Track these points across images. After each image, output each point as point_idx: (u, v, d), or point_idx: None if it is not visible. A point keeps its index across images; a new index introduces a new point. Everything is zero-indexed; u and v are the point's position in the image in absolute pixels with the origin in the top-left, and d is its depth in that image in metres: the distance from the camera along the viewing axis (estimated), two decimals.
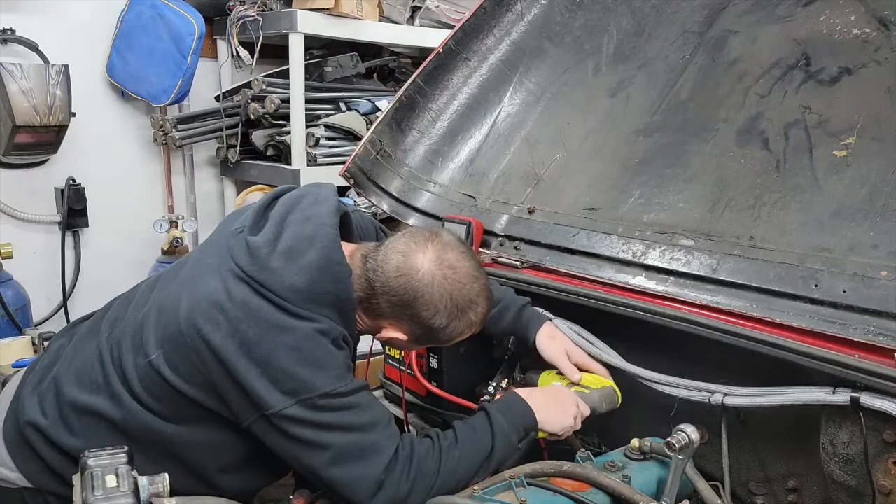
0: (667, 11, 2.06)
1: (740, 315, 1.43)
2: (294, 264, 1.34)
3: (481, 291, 1.44)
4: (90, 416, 1.41)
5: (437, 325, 1.41)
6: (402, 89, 2.25)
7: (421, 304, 1.38)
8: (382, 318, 1.43)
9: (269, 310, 1.30)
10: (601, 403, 1.58)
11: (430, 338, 1.46)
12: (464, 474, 1.37)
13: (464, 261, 1.42)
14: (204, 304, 1.32)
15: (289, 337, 1.29)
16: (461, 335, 1.47)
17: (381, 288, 1.39)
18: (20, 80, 2.91)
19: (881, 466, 1.27)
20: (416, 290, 1.37)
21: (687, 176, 1.72)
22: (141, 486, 1.13)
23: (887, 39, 1.60)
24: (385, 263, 1.39)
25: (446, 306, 1.39)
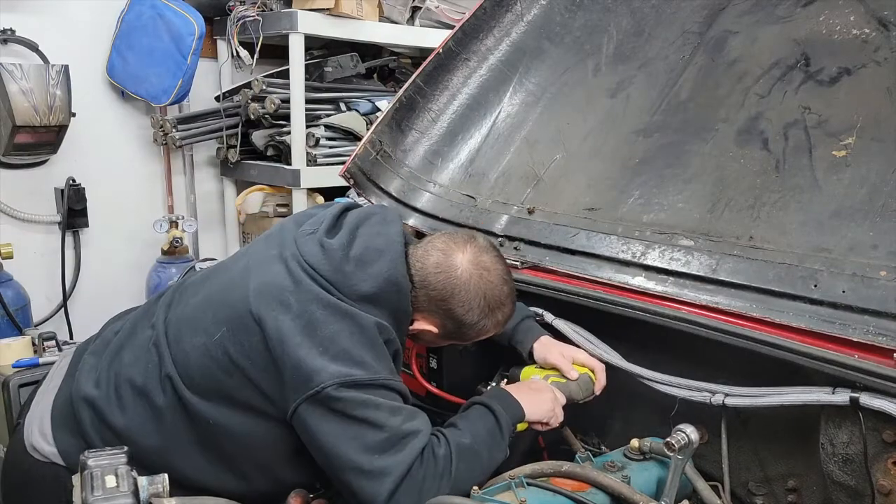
0: (667, 11, 2.06)
1: (740, 315, 1.43)
2: (364, 271, 1.43)
3: (510, 294, 1.54)
4: (140, 396, 1.45)
5: (468, 322, 1.50)
6: (402, 89, 2.25)
7: (456, 301, 1.47)
8: (417, 312, 1.50)
9: (334, 301, 1.39)
10: (578, 391, 1.61)
11: (458, 333, 1.54)
12: (476, 476, 1.40)
13: (497, 264, 1.52)
14: (273, 287, 1.40)
15: (352, 322, 1.37)
16: (486, 333, 1.56)
17: (421, 282, 1.48)
18: (20, 80, 2.91)
19: (881, 466, 1.27)
20: (454, 287, 1.47)
21: (687, 176, 1.73)
22: (141, 487, 1.13)
23: (887, 39, 1.60)
24: (426, 259, 1.49)
25: (479, 304, 1.48)
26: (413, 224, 2.14)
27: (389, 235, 1.50)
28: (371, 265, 1.44)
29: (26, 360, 2.10)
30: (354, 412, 1.32)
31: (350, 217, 1.55)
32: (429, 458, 1.34)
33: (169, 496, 1.14)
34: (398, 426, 1.34)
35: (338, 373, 1.32)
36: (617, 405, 1.78)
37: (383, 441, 1.32)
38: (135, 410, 1.44)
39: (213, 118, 3.52)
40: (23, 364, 2.07)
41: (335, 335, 1.35)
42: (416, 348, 1.79)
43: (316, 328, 1.35)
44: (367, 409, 1.33)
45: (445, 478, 1.34)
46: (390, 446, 1.32)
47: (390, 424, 1.33)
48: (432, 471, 1.33)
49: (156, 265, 3.48)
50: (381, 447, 1.32)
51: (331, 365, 1.33)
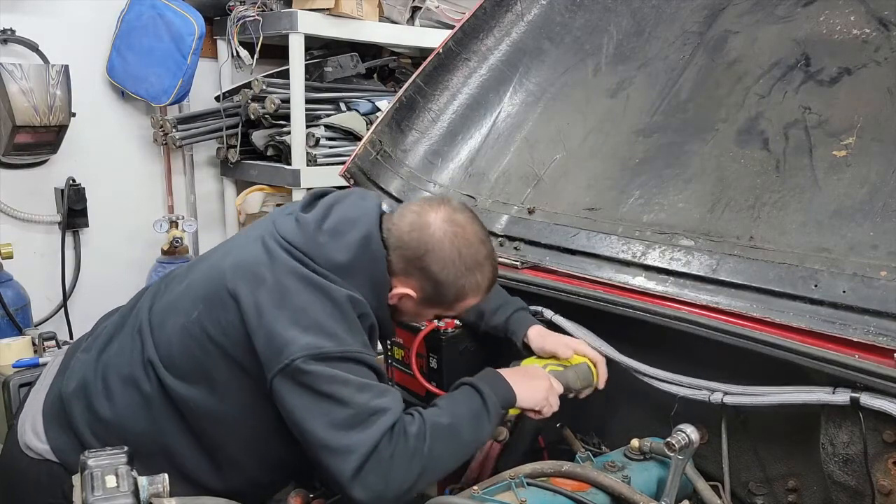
0: (667, 11, 2.06)
1: (740, 315, 1.43)
2: (338, 241, 1.44)
3: (488, 256, 1.51)
4: (128, 385, 1.45)
5: (446, 281, 1.47)
6: (402, 89, 2.25)
7: (431, 258, 1.45)
8: (394, 277, 1.49)
9: (307, 272, 1.39)
10: (576, 380, 1.58)
11: (438, 296, 1.50)
12: (454, 457, 1.39)
13: (473, 224, 1.50)
14: (248, 262, 1.42)
15: (324, 295, 1.38)
16: (466, 298, 1.52)
17: (396, 243, 1.47)
18: (20, 80, 2.91)
19: (881, 466, 1.27)
20: (427, 244, 1.45)
21: (687, 176, 1.72)
22: (141, 487, 1.13)
23: (887, 39, 1.60)
24: (400, 221, 1.48)
25: (454, 262, 1.46)
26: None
27: (364, 208, 1.50)
28: (345, 235, 1.45)
29: (26, 360, 2.10)
30: (321, 387, 1.31)
31: (327, 198, 1.56)
32: (399, 435, 1.31)
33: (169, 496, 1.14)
34: (366, 403, 1.31)
35: (307, 345, 1.31)
36: (617, 405, 1.78)
37: (350, 417, 1.30)
38: (123, 400, 1.45)
39: (213, 118, 3.52)
40: (23, 364, 2.07)
41: (307, 307, 1.35)
42: (417, 348, 1.79)
43: (288, 299, 1.36)
44: (334, 384, 1.31)
45: (417, 457, 1.32)
46: (357, 423, 1.30)
47: (358, 401, 1.31)
48: (402, 449, 1.31)
49: (156, 265, 3.48)
50: (347, 424, 1.30)
51: (302, 336, 1.32)
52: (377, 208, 1.52)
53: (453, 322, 1.82)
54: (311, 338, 1.32)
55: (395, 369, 1.90)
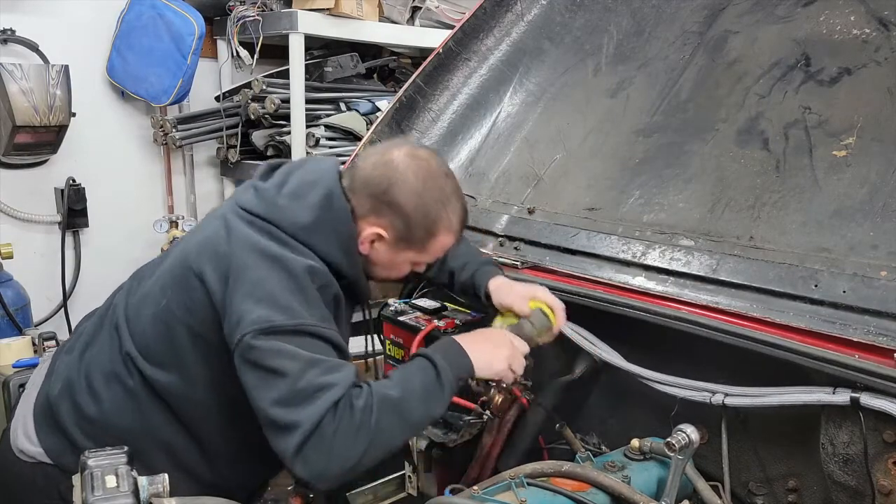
0: (667, 11, 2.06)
1: (740, 315, 1.43)
2: (299, 203, 1.44)
3: (455, 191, 1.51)
4: (111, 381, 1.46)
5: (414, 212, 1.45)
6: (402, 89, 2.25)
7: (398, 190, 1.45)
8: (363, 219, 1.48)
9: (267, 244, 1.39)
10: (532, 330, 1.55)
11: (409, 232, 1.48)
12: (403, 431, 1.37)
13: (435, 159, 1.51)
14: (210, 240, 1.42)
15: (281, 267, 1.36)
16: (438, 234, 1.49)
17: (361, 183, 1.47)
18: (20, 80, 2.91)
19: (881, 466, 1.27)
20: (391, 177, 1.45)
21: (687, 176, 1.72)
22: (141, 487, 1.13)
23: (887, 39, 1.60)
24: (363, 162, 1.50)
25: (420, 193, 1.45)
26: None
27: (322, 169, 1.50)
28: (306, 196, 1.45)
29: (26, 360, 2.11)
30: (267, 362, 1.29)
31: (284, 166, 1.56)
32: (344, 410, 1.28)
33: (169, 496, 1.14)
34: (313, 379, 1.28)
35: (259, 318, 1.30)
36: (617, 405, 1.78)
37: (294, 394, 1.27)
38: (108, 396, 1.45)
39: (213, 118, 3.52)
40: (23, 364, 2.07)
41: (263, 280, 1.35)
42: (416, 348, 1.79)
43: (246, 274, 1.35)
44: (281, 359, 1.29)
45: (363, 431, 1.28)
46: (302, 399, 1.27)
47: (304, 377, 1.28)
48: (346, 423, 1.27)
49: None
50: (292, 400, 1.27)
51: (255, 309, 1.31)
52: (335, 167, 1.52)
53: (453, 322, 1.82)
54: (263, 311, 1.31)
55: (395, 369, 1.89)
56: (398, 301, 1.99)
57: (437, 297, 2.03)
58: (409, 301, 1.98)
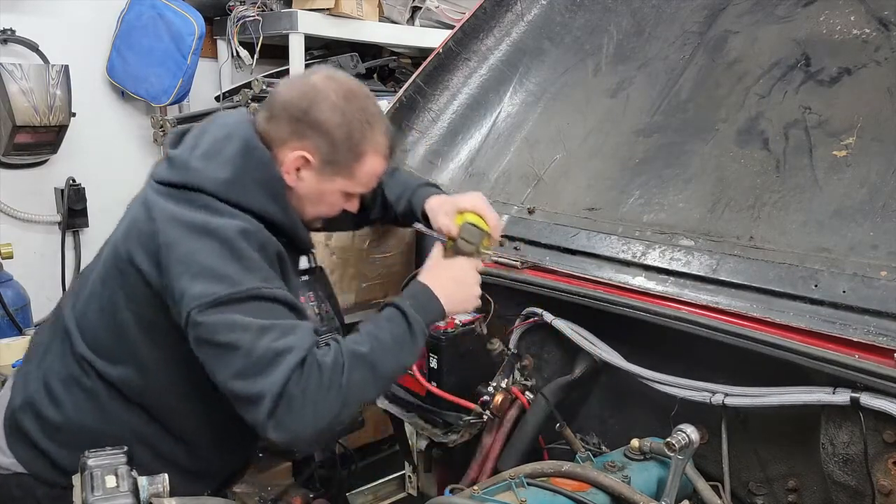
0: (667, 11, 2.06)
1: (740, 315, 1.43)
2: (215, 161, 1.40)
3: (379, 112, 1.48)
4: (69, 385, 1.45)
5: (338, 131, 1.41)
6: (402, 89, 2.25)
7: (319, 108, 1.40)
8: (286, 146, 1.43)
9: (191, 214, 1.34)
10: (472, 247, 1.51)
11: (335, 154, 1.43)
12: (377, 385, 1.37)
13: (356, 82, 1.48)
14: (134, 225, 1.40)
15: (211, 236, 1.32)
16: (366, 155, 1.46)
17: (279, 107, 1.43)
18: (20, 80, 2.91)
19: (881, 466, 1.27)
20: (311, 96, 1.41)
21: (687, 176, 1.72)
22: (141, 486, 1.13)
23: (887, 39, 1.60)
24: (280, 87, 1.47)
25: (342, 110, 1.41)
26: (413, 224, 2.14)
27: (232, 123, 1.46)
28: (221, 152, 1.40)
29: None
30: (219, 337, 1.27)
31: (192, 130, 1.50)
32: (310, 370, 1.26)
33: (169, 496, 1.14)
34: (268, 346, 1.26)
35: (199, 293, 1.27)
36: (617, 405, 1.78)
37: (254, 363, 1.25)
38: (69, 401, 1.45)
39: None
40: None
41: (194, 253, 1.30)
42: None
43: (175, 250, 1.31)
44: (232, 332, 1.26)
45: (334, 389, 1.27)
46: (261, 368, 1.25)
47: (259, 345, 1.26)
48: (315, 382, 1.26)
49: None
50: (252, 370, 1.25)
51: (193, 286, 1.28)
52: (244, 115, 1.49)
53: (453, 322, 1.82)
54: (201, 285, 1.28)
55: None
56: None
57: None
58: None
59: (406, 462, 2.11)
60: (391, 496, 2.34)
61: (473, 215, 1.55)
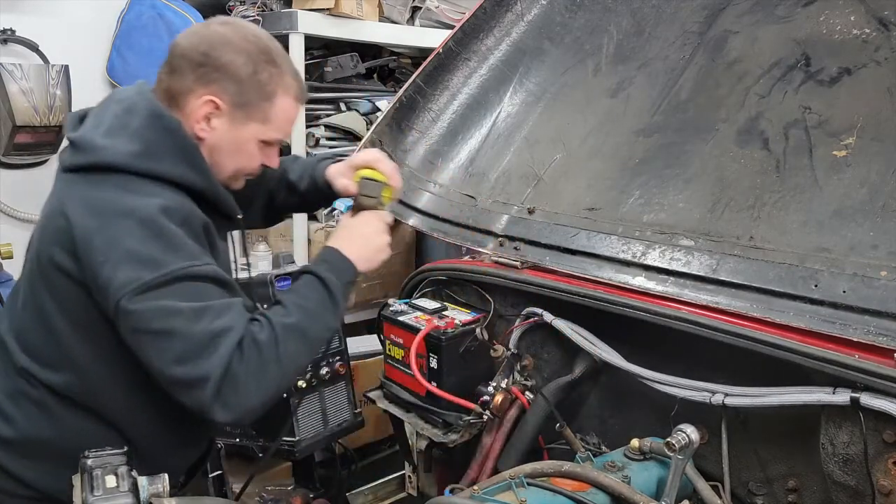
0: (667, 11, 2.06)
1: (740, 315, 1.43)
2: (122, 135, 1.36)
3: (283, 54, 1.46)
4: (18, 400, 1.42)
5: (243, 70, 1.39)
6: (402, 89, 2.25)
7: (219, 50, 1.38)
8: (192, 95, 1.40)
9: (105, 196, 1.31)
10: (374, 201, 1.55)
11: (244, 96, 1.41)
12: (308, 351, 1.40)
13: (256, 26, 1.47)
14: (48, 221, 1.36)
15: (130, 219, 1.28)
16: (277, 95, 1.44)
17: (178, 57, 1.40)
18: (20, 80, 2.91)
19: (881, 466, 1.27)
20: (211, 39, 1.40)
21: (687, 176, 1.72)
22: (140, 486, 1.13)
23: (887, 39, 1.60)
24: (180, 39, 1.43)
25: (244, 49, 1.39)
26: (413, 224, 2.14)
27: (134, 95, 1.42)
28: (127, 127, 1.37)
29: None
30: (153, 325, 1.25)
31: (92, 112, 1.47)
32: (249, 348, 1.28)
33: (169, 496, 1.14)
34: (205, 328, 1.26)
35: (126, 280, 1.25)
36: (617, 405, 1.78)
37: (193, 348, 1.25)
38: (20, 415, 1.42)
39: None
40: None
41: (114, 239, 1.27)
42: (417, 348, 1.79)
43: (93, 238, 1.28)
44: (166, 318, 1.25)
45: (272, 363, 1.29)
46: (201, 351, 1.25)
47: (196, 329, 1.26)
48: (255, 360, 1.28)
49: None
50: (192, 354, 1.25)
51: (117, 273, 1.25)
52: (145, 86, 1.45)
53: (453, 322, 1.82)
54: (126, 271, 1.25)
55: (395, 369, 1.90)
56: (398, 301, 1.99)
57: (437, 298, 2.03)
58: (410, 301, 1.98)
59: (406, 462, 2.11)
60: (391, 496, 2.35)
61: (369, 170, 1.57)
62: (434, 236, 2.11)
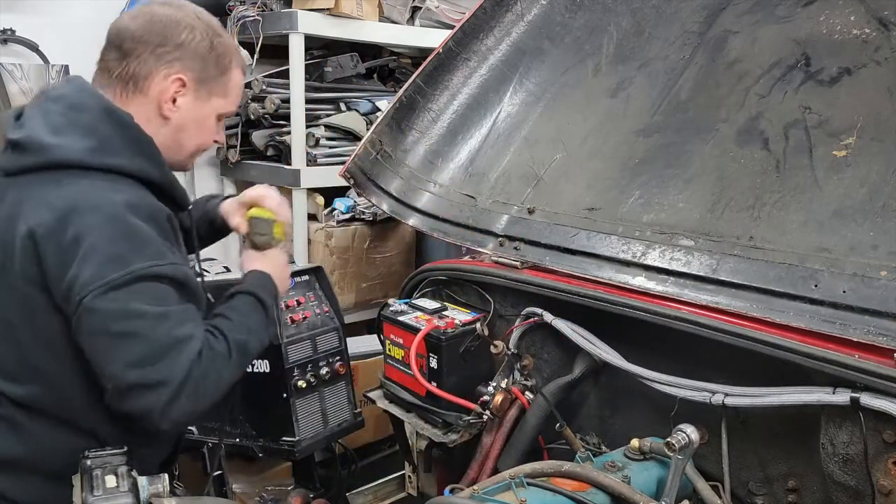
0: (667, 11, 2.06)
1: (740, 315, 1.43)
2: (73, 133, 1.34)
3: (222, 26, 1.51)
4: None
5: (201, 44, 1.43)
6: (402, 89, 2.25)
7: (173, 30, 1.42)
8: (156, 76, 1.41)
9: (65, 194, 1.28)
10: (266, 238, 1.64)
11: (205, 72, 1.45)
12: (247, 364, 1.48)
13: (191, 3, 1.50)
14: (5, 235, 1.32)
15: (96, 215, 1.27)
16: (232, 68, 1.50)
17: (131, 42, 1.41)
18: (20, 80, 2.91)
19: (881, 466, 1.27)
20: (162, 19, 1.42)
21: (687, 176, 1.72)
22: (140, 486, 1.13)
23: (887, 39, 1.60)
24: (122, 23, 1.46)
25: (200, 29, 1.44)
26: (413, 224, 2.14)
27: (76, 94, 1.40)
28: (76, 123, 1.34)
29: None
30: (115, 327, 1.25)
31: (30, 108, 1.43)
32: (207, 357, 1.31)
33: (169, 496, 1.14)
34: (168, 333, 1.28)
35: (91, 278, 1.24)
36: (617, 405, 1.78)
37: (154, 352, 1.26)
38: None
39: None
40: None
41: (79, 236, 1.25)
42: (417, 348, 1.79)
43: (57, 237, 1.25)
44: (129, 320, 1.25)
45: (225, 371, 1.35)
46: (162, 355, 1.26)
47: (159, 333, 1.27)
48: (213, 368, 1.32)
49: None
50: (150, 358, 1.26)
51: (83, 270, 1.24)
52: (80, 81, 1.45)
53: (453, 322, 1.82)
54: (93, 268, 1.24)
55: (395, 369, 1.90)
56: (398, 301, 1.99)
57: (437, 298, 2.03)
58: (410, 301, 1.98)
59: (406, 462, 2.11)
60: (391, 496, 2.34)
61: (257, 208, 1.65)
62: (434, 236, 2.11)
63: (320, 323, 2.31)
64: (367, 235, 3.39)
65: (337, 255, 3.29)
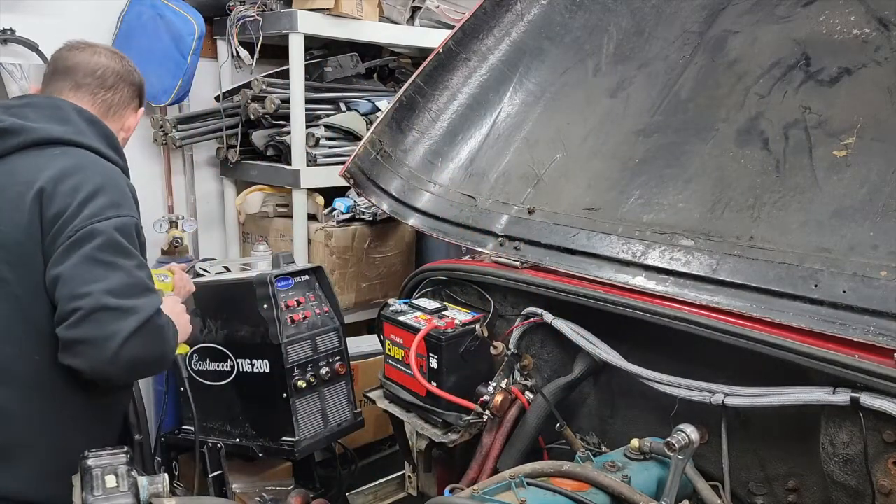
0: (667, 11, 2.06)
1: (740, 315, 1.43)
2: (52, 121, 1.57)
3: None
4: None
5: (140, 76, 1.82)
6: (402, 89, 2.25)
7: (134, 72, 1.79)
8: (130, 108, 1.77)
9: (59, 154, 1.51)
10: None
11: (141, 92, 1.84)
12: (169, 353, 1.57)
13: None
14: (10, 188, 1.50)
15: (93, 171, 1.52)
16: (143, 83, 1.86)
17: (114, 77, 1.71)
18: (20, 80, 2.91)
19: (881, 466, 1.27)
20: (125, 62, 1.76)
21: (687, 176, 1.72)
22: (141, 486, 1.13)
23: (887, 39, 1.60)
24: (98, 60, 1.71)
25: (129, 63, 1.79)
26: (413, 224, 2.14)
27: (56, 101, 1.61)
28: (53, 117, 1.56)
29: None
30: (104, 256, 1.42)
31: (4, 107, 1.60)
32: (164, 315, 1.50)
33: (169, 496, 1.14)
34: (143, 279, 1.48)
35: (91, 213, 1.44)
36: (617, 405, 1.78)
37: (132, 286, 1.44)
38: None
39: (213, 118, 3.52)
40: None
41: (78, 185, 1.46)
42: (417, 348, 1.79)
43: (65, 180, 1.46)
44: (118, 255, 1.44)
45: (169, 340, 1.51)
46: (137, 293, 1.45)
47: (138, 276, 1.47)
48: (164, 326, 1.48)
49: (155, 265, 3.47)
50: (128, 291, 1.43)
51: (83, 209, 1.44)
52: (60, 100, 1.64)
53: (453, 322, 1.82)
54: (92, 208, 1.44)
55: (395, 369, 1.90)
56: (398, 301, 1.99)
57: (437, 298, 2.03)
58: (410, 301, 1.98)
59: (406, 462, 2.11)
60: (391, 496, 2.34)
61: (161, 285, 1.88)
62: (434, 236, 2.11)
63: (320, 323, 2.31)
64: (367, 235, 3.39)
65: (337, 255, 3.29)
